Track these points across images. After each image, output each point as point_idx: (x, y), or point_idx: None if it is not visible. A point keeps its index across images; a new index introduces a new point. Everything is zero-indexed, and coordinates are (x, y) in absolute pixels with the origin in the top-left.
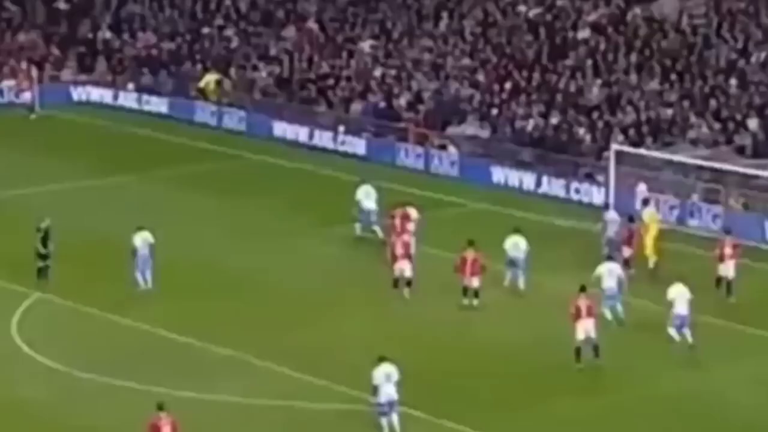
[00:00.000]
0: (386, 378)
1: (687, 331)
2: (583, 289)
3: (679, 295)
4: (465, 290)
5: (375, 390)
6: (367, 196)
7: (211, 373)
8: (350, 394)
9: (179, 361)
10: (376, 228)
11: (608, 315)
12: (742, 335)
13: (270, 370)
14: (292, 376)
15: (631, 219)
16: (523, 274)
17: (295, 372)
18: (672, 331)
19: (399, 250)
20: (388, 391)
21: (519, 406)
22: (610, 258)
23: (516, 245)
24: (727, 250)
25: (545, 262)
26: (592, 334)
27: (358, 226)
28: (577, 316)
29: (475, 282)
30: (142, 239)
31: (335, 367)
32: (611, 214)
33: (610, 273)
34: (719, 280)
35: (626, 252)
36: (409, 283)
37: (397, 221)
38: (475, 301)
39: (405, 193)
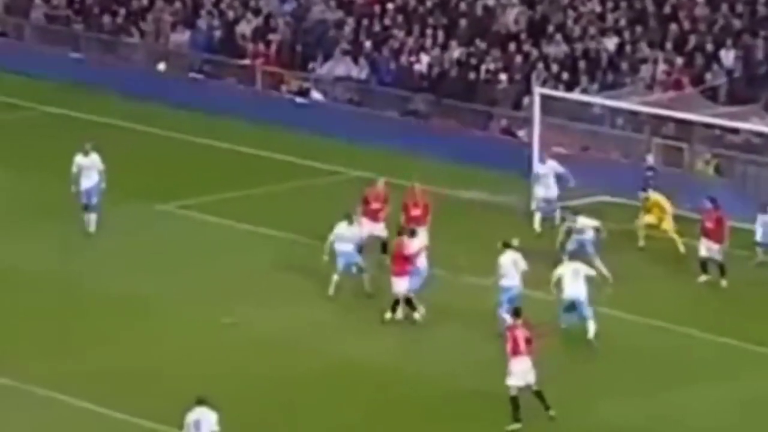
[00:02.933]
0: (195, 427)
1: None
2: (516, 313)
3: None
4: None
5: None
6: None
7: None
8: None
9: None
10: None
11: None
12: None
13: (55, 402)
14: (85, 409)
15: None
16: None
17: (90, 404)
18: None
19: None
20: None
21: None
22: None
23: None
24: (709, 225)
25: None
26: (531, 379)
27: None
28: (514, 351)
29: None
30: None
31: (144, 397)
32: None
33: (515, 265)
34: (704, 263)
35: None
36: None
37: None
38: (417, 315)
39: (251, 157)
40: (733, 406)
